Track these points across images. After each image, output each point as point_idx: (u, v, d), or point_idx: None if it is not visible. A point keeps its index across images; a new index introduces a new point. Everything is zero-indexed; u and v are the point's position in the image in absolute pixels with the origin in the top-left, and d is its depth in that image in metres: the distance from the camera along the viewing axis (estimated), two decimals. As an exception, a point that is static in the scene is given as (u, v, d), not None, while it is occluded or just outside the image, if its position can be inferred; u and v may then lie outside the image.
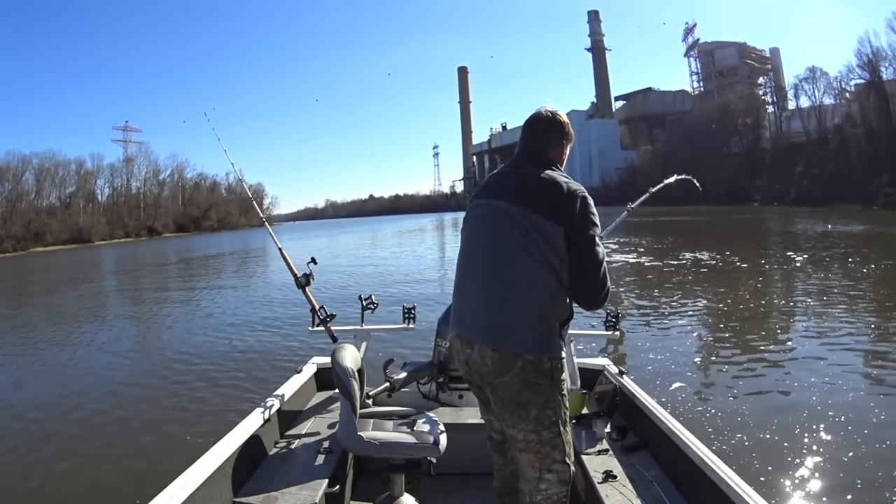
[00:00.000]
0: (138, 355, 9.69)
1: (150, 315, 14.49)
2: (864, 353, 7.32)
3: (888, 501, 3.78)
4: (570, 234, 2.08)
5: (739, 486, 2.13)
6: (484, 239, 2.21)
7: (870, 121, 56.85)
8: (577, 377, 3.53)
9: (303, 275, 3.92)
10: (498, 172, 2.37)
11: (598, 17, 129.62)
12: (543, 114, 2.33)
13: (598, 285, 2.12)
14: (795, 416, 5.18)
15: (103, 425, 6.13)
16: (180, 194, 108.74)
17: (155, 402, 6.78)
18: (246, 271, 25.75)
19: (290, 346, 9.02)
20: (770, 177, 66.38)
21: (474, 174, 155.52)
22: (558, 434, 2.15)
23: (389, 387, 3.42)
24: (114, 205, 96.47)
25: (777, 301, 11.20)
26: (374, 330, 4.04)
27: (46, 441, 5.76)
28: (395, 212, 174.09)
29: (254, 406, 3.13)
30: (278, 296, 14.81)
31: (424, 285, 15.71)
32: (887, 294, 11.18)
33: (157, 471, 4.38)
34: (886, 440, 4.63)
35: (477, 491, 3.17)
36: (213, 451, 2.54)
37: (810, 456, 4.41)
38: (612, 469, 2.67)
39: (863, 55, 57.98)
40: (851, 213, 41.47)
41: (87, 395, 7.33)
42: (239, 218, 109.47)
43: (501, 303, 2.10)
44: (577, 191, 2.13)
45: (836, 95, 66.75)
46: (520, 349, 2.06)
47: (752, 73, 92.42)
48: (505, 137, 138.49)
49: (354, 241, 43.57)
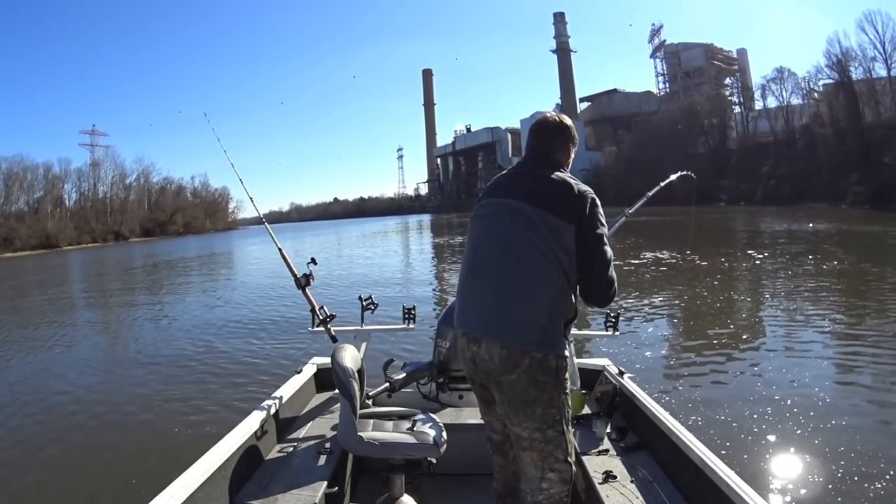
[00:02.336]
0: (137, 358, 9.56)
1: (149, 316, 14.32)
2: (864, 352, 7.24)
3: (888, 501, 3.80)
4: (579, 232, 2.13)
5: (739, 487, 2.15)
6: (495, 236, 2.23)
7: (838, 120, 57.36)
8: (577, 377, 3.55)
9: (302, 275, 3.89)
10: (507, 174, 2.41)
11: (564, 18, 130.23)
12: (549, 118, 2.41)
13: (607, 283, 2.17)
14: (796, 416, 5.21)
15: (102, 426, 6.19)
16: (146, 198, 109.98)
17: (154, 403, 6.79)
18: (242, 272, 25.69)
19: (289, 346, 9.09)
20: (736, 177, 66.53)
21: (438, 176, 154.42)
22: (562, 433, 2.18)
23: (389, 387, 3.44)
24: (81, 209, 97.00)
25: (765, 301, 11.44)
26: (374, 330, 4.06)
27: (46, 440, 5.86)
28: (359, 215, 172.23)
29: (254, 406, 3.14)
30: (276, 296, 14.97)
31: (389, 286, 15.85)
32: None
33: (156, 471, 4.40)
34: (887, 441, 4.70)
35: (477, 491, 3.15)
36: (213, 452, 2.55)
37: (810, 455, 4.44)
38: (612, 469, 2.69)
39: (832, 55, 58.38)
40: (819, 212, 41.76)
41: (84, 395, 7.43)
42: (204, 222, 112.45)
43: (512, 299, 2.12)
44: (587, 191, 2.20)
45: (805, 95, 67.65)
46: (528, 346, 2.08)
47: (718, 73, 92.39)
48: (469, 139, 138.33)
49: (321, 243, 44.11)
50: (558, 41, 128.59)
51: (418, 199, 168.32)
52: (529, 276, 2.10)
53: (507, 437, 2.31)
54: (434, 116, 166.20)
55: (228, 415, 5.77)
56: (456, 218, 79.17)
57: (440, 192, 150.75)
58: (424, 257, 28.65)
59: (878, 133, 51.38)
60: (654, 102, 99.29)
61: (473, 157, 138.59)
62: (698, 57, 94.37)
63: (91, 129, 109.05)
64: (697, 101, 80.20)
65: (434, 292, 15.48)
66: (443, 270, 20.51)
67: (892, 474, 4.08)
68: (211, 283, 22.08)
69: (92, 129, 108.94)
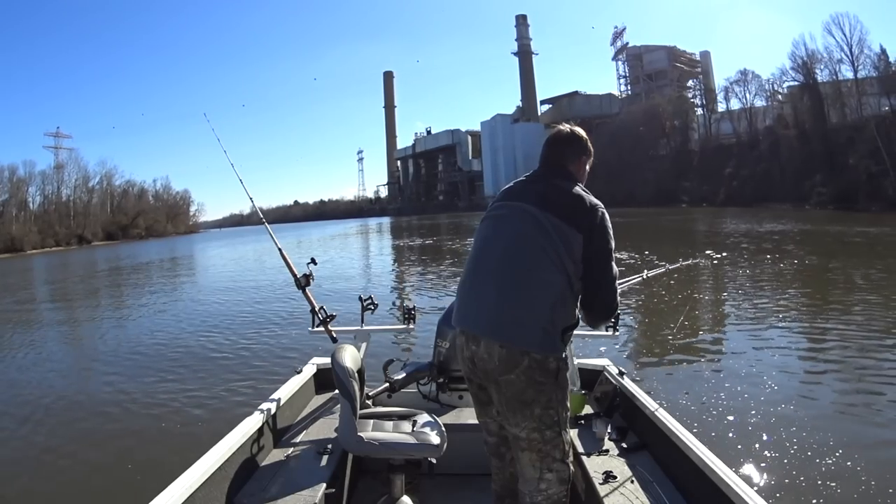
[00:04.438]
0: (136, 359, 9.43)
1: (145, 318, 14.14)
2: (866, 353, 7.28)
3: (888, 501, 3.86)
4: (588, 243, 2.14)
5: (739, 487, 2.15)
6: (505, 238, 2.25)
7: (803, 122, 57.87)
8: (577, 378, 3.56)
9: (302, 275, 3.89)
10: (520, 180, 2.43)
11: (527, 21, 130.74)
12: (562, 130, 2.44)
13: (608, 299, 2.21)
14: (796, 416, 5.26)
15: (100, 426, 6.21)
16: (109, 202, 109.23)
17: (153, 404, 6.81)
18: (231, 275, 25.01)
19: (289, 346, 9.09)
20: (698, 178, 66.73)
21: (398, 179, 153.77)
22: (559, 434, 2.19)
23: (389, 387, 3.46)
24: (45, 213, 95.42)
25: (730, 300, 11.61)
26: (374, 330, 4.10)
27: (45, 440, 5.92)
28: (320, 218, 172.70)
29: (253, 407, 3.14)
30: (272, 297, 15.11)
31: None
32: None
33: (156, 472, 4.47)
34: (887, 442, 4.77)
35: (477, 492, 3.17)
36: (213, 452, 2.55)
37: (810, 455, 4.47)
38: (612, 469, 2.68)
39: (797, 58, 58.27)
40: (782, 213, 42.70)
41: (83, 394, 7.50)
42: (166, 225, 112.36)
43: (514, 300, 2.13)
44: (598, 205, 2.21)
45: (769, 97, 67.86)
46: (528, 346, 2.09)
47: (681, 76, 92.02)
48: (429, 142, 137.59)
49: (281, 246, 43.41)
50: (520, 43, 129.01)
51: (378, 202, 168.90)
52: (534, 279, 2.10)
53: (502, 439, 2.35)
54: (395, 119, 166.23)
55: (228, 415, 5.73)
56: (416, 220, 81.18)
57: (400, 195, 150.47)
58: (384, 259, 29.21)
59: (843, 134, 51.05)
60: (616, 105, 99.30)
61: (434, 160, 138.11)
62: (661, 59, 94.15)
63: (55, 132, 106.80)
64: (660, 104, 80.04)
65: (393, 292, 15.69)
66: (403, 272, 21.23)
67: (892, 474, 4.16)
68: (191, 284, 22.50)
69: (56, 132, 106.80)
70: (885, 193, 42.05)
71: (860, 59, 53.59)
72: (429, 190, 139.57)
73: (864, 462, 4.32)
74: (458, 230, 45.11)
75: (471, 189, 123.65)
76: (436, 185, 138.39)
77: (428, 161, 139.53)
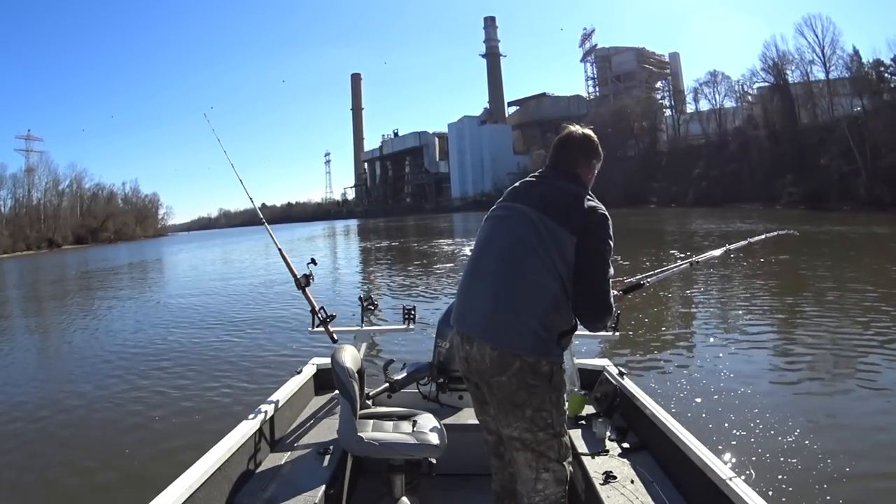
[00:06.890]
0: (137, 359, 9.27)
1: (143, 318, 13.85)
2: (865, 353, 7.15)
3: (887, 501, 3.85)
4: (581, 245, 2.09)
5: (739, 487, 2.15)
6: (500, 239, 2.23)
7: (773, 122, 57.63)
8: (577, 378, 3.52)
9: (302, 275, 3.85)
10: (525, 181, 2.38)
11: (495, 23, 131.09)
12: (573, 131, 2.35)
13: (600, 302, 2.12)
14: (796, 416, 5.18)
15: (100, 427, 6.13)
16: (79, 205, 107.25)
17: (153, 404, 6.71)
18: (220, 277, 24.35)
19: (289, 347, 9.04)
20: (667, 179, 66.45)
21: (366, 181, 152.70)
22: (553, 436, 2.16)
23: (389, 387, 3.44)
24: (16, 217, 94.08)
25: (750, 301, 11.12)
26: (374, 331, 4.16)
27: (47, 441, 5.84)
28: (287, 220, 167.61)
29: (253, 407, 3.11)
30: (272, 297, 15.18)
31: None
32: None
33: (156, 472, 4.47)
34: (887, 442, 4.70)
35: (477, 492, 3.14)
36: (213, 453, 2.53)
37: (810, 455, 4.42)
38: (612, 470, 2.66)
39: (768, 59, 57.91)
40: (751, 212, 42.41)
41: (82, 394, 7.37)
42: (135, 228, 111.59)
43: (506, 302, 2.11)
44: (597, 207, 2.16)
45: (738, 98, 67.57)
46: (519, 350, 2.06)
47: (650, 77, 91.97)
48: (396, 144, 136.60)
49: (245, 249, 42.67)
50: (488, 45, 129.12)
51: (345, 204, 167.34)
52: (528, 283, 2.08)
53: (501, 438, 2.31)
54: (362, 121, 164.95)
55: (228, 416, 5.67)
56: (383, 223, 79.34)
57: (367, 197, 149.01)
58: (351, 261, 28.72)
59: (814, 135, 50.68)
60: (585, 106, 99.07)
61: (401, 162, 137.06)
62: (629, 61, 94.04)
63: (27, 134, 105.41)
64: (628, 105, 79.58)
65: (358, 293, 14.33)
66: (369, 273, 21.26)
67: (892, 474, 4.16)
68: (179, 286, 21.99)
69: (27, 135, 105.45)
70: (857, 193, 41.93)
71: (832, 59, 53.28)
72: (396, 192, 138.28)
73: (864, 462, 4.30)
74: (425, 232, 45.19)
75: (438, 191, 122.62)
76: (403, 187, 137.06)
77: (395, 163, 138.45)
